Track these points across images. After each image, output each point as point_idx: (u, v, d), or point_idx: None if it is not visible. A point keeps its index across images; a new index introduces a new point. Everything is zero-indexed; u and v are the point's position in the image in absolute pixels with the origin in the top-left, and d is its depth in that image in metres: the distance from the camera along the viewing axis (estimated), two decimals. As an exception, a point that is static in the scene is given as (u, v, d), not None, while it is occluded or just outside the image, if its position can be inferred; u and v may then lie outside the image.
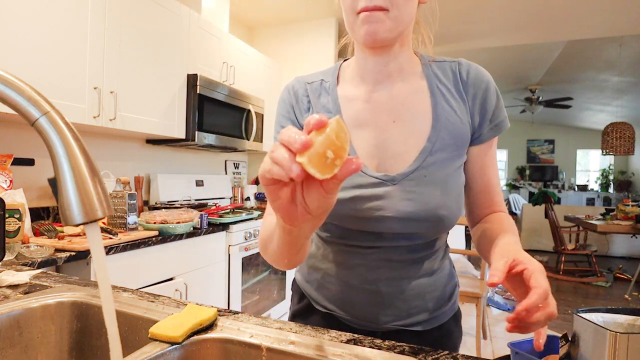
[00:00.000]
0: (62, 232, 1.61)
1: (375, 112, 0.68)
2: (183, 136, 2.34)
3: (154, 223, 1.86)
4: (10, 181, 1.56)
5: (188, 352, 0.56)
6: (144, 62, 2.05)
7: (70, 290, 0.76)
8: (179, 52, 2.28)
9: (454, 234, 3.64)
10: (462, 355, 0.55)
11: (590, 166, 10.20)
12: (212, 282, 2.17)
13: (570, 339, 0.51)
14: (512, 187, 10.08)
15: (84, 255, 1.45)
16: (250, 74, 3.02)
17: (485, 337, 2.85)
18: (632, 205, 4.61)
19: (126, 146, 2.37)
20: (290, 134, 0.36)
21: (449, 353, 0.56)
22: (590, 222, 4.59)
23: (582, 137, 9.88)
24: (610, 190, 9.42)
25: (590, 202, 9.04)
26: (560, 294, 4.03)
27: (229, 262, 2.28)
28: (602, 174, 9.70)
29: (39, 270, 0.91)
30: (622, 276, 4.69)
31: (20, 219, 1.33)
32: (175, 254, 1.90)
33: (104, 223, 1.78)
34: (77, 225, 0.41)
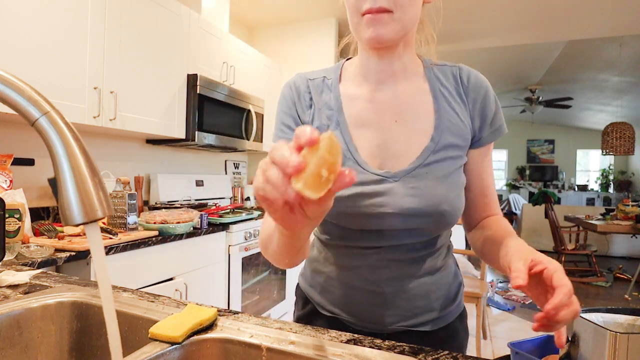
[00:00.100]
0: (62, 232, 1.61)
1: (378, 111, 0.68)
2: (183, 136, 2.34)
3: (154, 223, 1.86)
4: (10, 181, 1.56)
5: (188, 352, 0.56)
6: (144, 62, 2.05)
7: (70, 290, 0.76)
8: (179, 52, 2.28)
9: (454, 233, 3.63)
10: (462, 355, 0.55)
11: (590, 166, 10.20)
12: (212, 282, 2.17)
13: (570, 339, 0.51)
14: (512, 187, 10.08)
15: (84, 255, 1.45)
16: (250, 74, 3.02)
17: (485, 337, 2.85)
18: (632, 205, 4.60)
19: (126, 146, 2.37)
20: (283, 153, 0.35)
21: (449, 353, 0.56)
22: (590, 222, 4.59)
23: (582, 137, 9.88)
24: (610, 190, 9.42)
25: (590, 202, 9.05)
26: (560, 294, 4.03)
27: (229, 262, 2.28)
28: (602, 174, 9.70)
29: (39, 270, 0.91)
30: (622, 276, 4.69)
31: (20, 219, 1.33)
32: (175, 254, 1.90)
33: (104, 223, 1.78)
34: (77, 225, 0.41)
